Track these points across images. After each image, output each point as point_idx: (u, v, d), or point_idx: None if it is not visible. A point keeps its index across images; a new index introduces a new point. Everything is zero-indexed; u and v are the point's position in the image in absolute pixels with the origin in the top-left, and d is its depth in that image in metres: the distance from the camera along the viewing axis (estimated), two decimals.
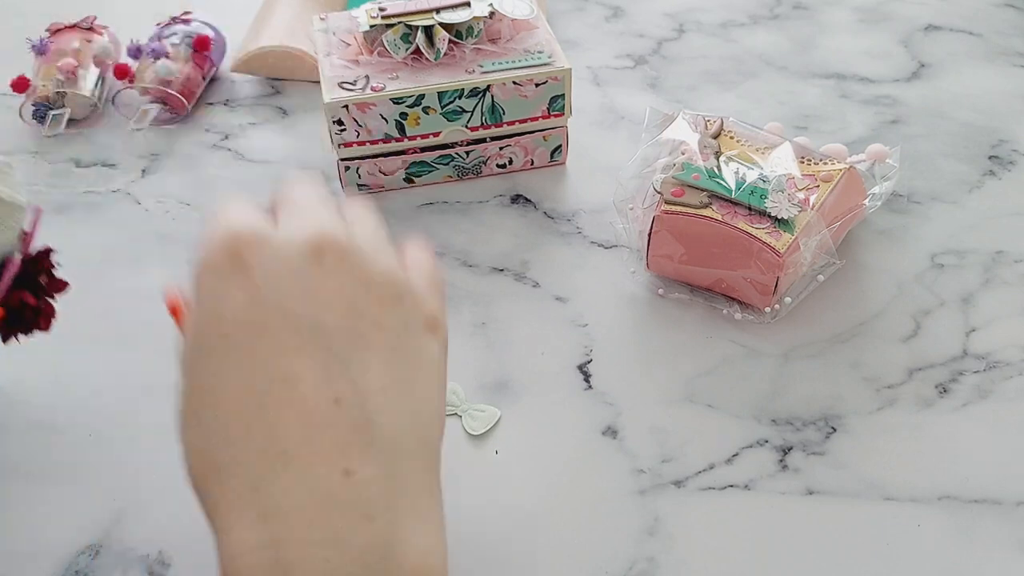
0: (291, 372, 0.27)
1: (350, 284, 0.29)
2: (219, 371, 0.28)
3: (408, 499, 0.28)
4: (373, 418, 0.28)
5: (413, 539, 0.27)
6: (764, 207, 0.49)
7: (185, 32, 0.71)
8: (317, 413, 0.27)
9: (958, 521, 0.42)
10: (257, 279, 0.28)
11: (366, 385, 0.28)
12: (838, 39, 0.77)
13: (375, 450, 0.27)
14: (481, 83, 0.58)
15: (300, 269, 0.29)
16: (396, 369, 0.29)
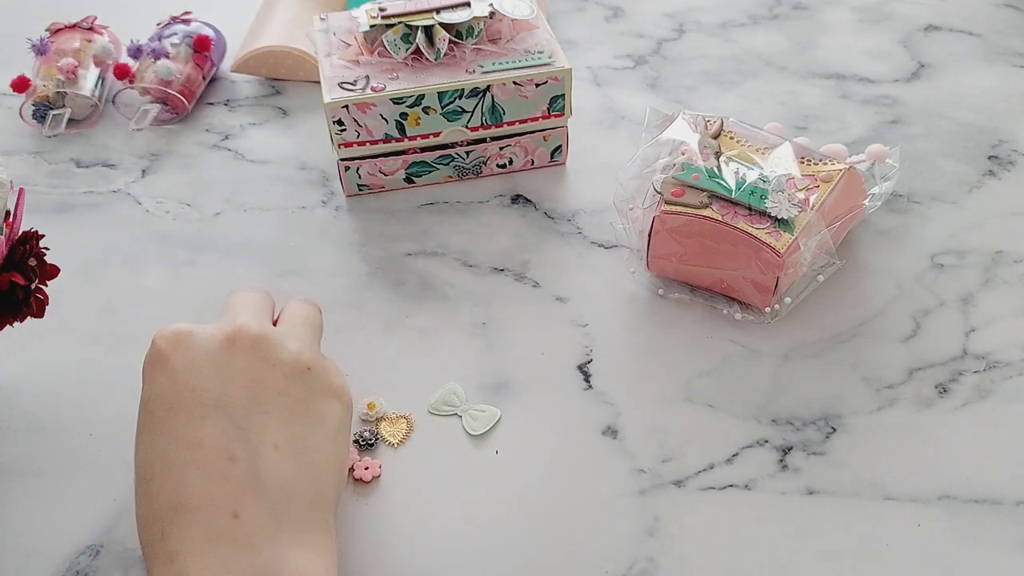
0: (196, 438, 0.34)
1: (256, 362, 0.37)
2: (147, 443, 0.35)
3: (290, 533, 0.34)
4: (261, 471, 0.34)
5: (294, 562, 0.33)
6: (764, 207, 0.49)
7: (185, 32, 0.71)
8: (214, 469, 0.34)
9: (958, 521, 0.42)
10: (176, 365, 0.36)
11: (259, 443, 0.35)
12: (838, 39, 0.77)
13: (262, 497, 0.34)
14: (481, 83, 0.58)
15: (214, 354, 0.36)
16: (291, 428, 0.36)
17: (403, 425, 0.47)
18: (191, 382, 0.35)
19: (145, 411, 0.36)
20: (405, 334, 0.52)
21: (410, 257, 0.57)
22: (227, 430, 0.35)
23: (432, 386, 0.49)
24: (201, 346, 0.36)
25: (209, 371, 0.36)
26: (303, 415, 0.37)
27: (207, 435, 0.34)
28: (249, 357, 0.36)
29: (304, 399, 0.37)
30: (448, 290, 0.55)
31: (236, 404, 0.35)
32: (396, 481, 0.45)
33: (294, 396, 0.37)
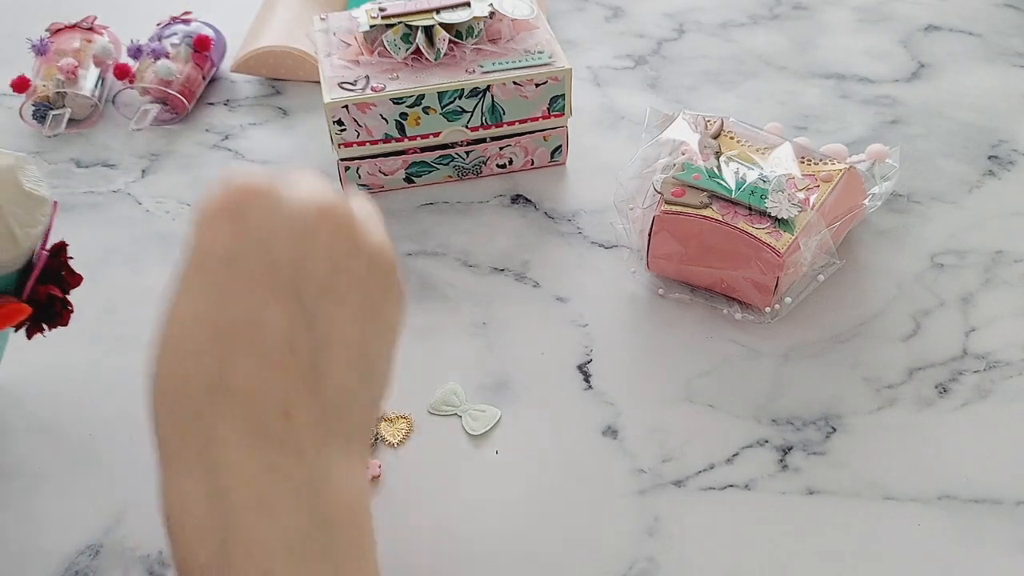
0: (259, 319, 0.28)
1: (343, 242, 0.31)
2: (192, 302, 0.29)
3: (339, 446, 0.30)
4: (323, 369, 0.29)
5: (338, 479, 0.29)
6: (764, 207, 0.49)
7: (185, 32, 0.71)
8: (270, 355, 0.28)
9: (958, 521, 0.42)
10: (250, 222, 0.29)
11: (327, 337, 0.30)
12: (838, 39, 0.77)
13: (317, 400, 0.29)
14: (481, 83, 0.58)
15: (297, 222, 0.30)
16: (362, 329, 0.31)
17: (403, 425, 0.47)
18: (265, 243, 0.29)
19: (193, 266, 0.29)
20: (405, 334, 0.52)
21: (410, 257, 0.57)
22: (294, 315, 0.29)
23: (432, 386, 0.49)
24: (284, 207, 0.30)
25: (289, 239, 0.29)
26: (376, 317, 0.32)
27: (271, 316, 0.28)
28: (337, 235, 0.30)
29: (380, 298, 0.32)
30: (448, 290, 0.55)
31: (311, 285, 0.29)
32: (396, 481, 0.45)
33: (372, 292, 0.31)
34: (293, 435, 0.28)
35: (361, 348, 0.31)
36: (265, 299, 0.28)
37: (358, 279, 0.31)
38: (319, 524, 0.28)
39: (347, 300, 0.30)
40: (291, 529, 0.27)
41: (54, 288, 0.43)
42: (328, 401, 0.29)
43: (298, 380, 0.29)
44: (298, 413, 0.29)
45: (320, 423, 0.29)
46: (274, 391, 0.28)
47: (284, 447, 0.28)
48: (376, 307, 0.32)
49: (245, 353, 0.28)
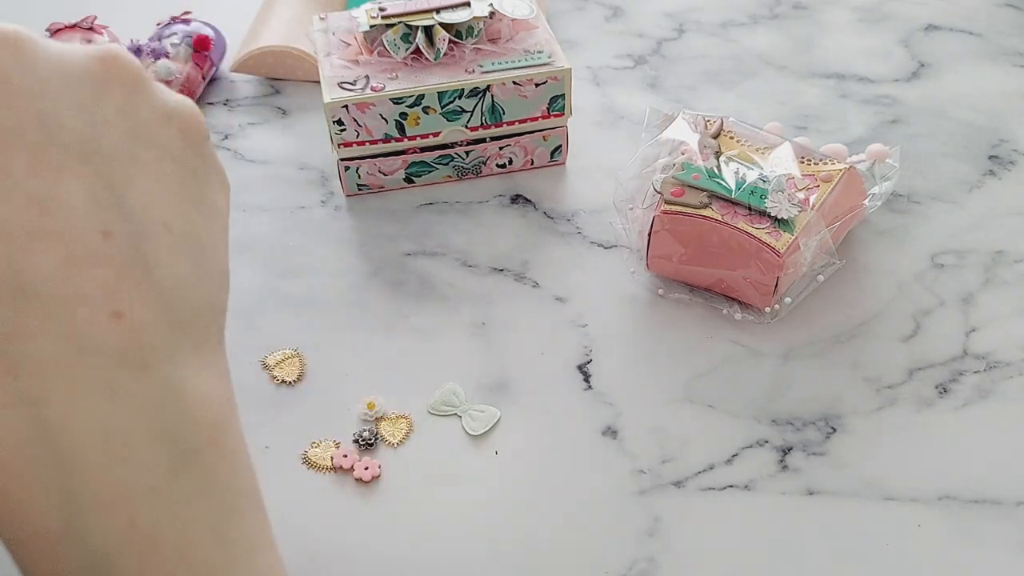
0: (51, 195, 0.22)
1: (141, 105, 0.25)
2: None
3: (190, 348, 0.25)
4: (150, 256, 0.24)
5: (195, 387, 0.24)
6: (764, 207, 0.49)
7: (185, 32, 0.71)
8: (80, 246, 0.22)
9: (958, 521, 0.42)
10: (16, 81, 0.23)
11: (145, 219, 0.24)
12: (838, 39, 0.77)
13: (151, 295, 0.24)
14: (481, 83, 0.58)
15: (79, 79, 0.24)
16: (184, 209, 0.25)
17: (403, 425, 0.47)
18: (41, 110, 0.23)
19: None
20: (405, 334, 0.52)
21: (410, 257, 0.57)
22: (97, 192, 0.23)
23: (432, 386, 0.49)
24: (58, 63, 0.24)
25: (70, 102, 0.24)
26: (198, 198, 0.26)
27: (66, 192, 0.22)
28: (131, 96, 0.25)
29: (200, 177, 0.27)
30: (448, 290, 0.55)
31: (110, 157, 0.24)
32: (396, 481, 0.45)
33: (188, 167, 0.26)
34: (131, 342, 0.23)
35: (189, 232, 0.25)
36: (57, 175, 0.23)
37: (170, 152, 0.26)
38: (181, 454, 0.24)
39: (161, 175, 0.25)
40: (149, 466, 0.23)
41: None
42: (165, 295, 0.24)
43: (121, 271, 0.23)
44: (131, 313, 0.23)
45: (160, 323, 0.24)
46: (95, 289, 0.22)
47: (123, 360, 0.23)
48: (197, 186, 0.26)
49: (47, 243, 0.22)
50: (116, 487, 0.22)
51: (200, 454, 0.24)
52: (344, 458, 0.45)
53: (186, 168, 0.26)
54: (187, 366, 0.24)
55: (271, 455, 0.46)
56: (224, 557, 0.25)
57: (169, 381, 0.24)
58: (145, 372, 0.23)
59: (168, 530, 0.23)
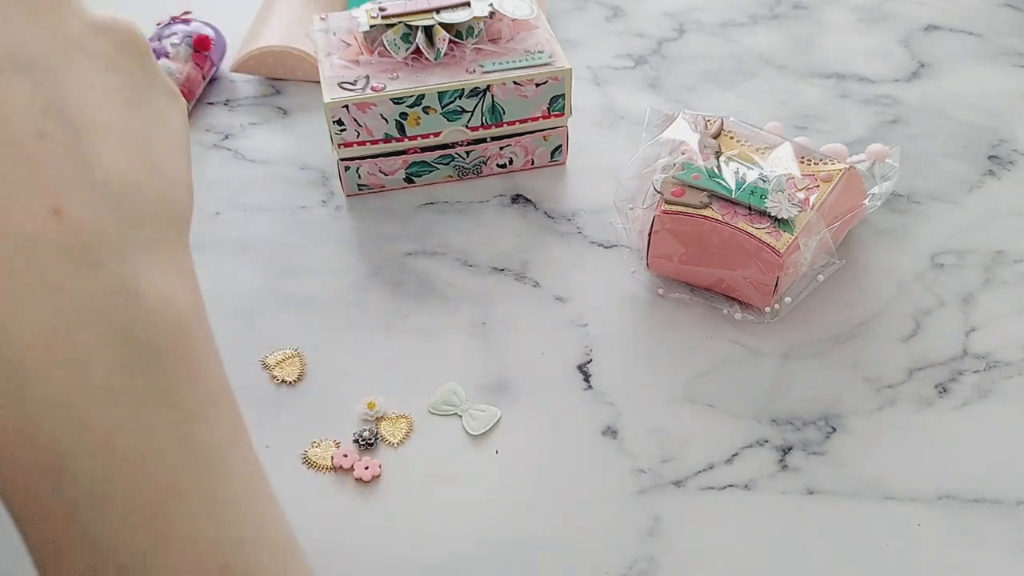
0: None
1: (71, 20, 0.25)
2: None
3: (144, 247, 0.24)
4: (90, 155, 0.23)
5: (154, 287, 0.23)
6: (764, 207, 0.49)
7: (185, 32, 0.71)
8: (13, 148, 0.22)
9: (958, 521, 0.42)
10: None
11: (83, 122, 0.24)
12: (838, 39, 0.77)
13: (95, 193, 0.23)
14: (481, 83, 0.58)
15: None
16: (126, 113, 0.25)
17: (403, 425, 0.47)
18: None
19: None
20: (405, 334, 0.52)
21: (410, 257, 0.57)
22: (30, 98, 0.23)
23: (432, 386, 0.49)
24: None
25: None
26: (141, 104, 0.26)
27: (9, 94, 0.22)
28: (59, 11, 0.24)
29: (143, 87, 0.26)
30: (448, 290, 0.55)
31: (43, 67, 0.23)
32: (396, 481, 0.45)
33: (128, 76, 0.25)
34: (73, 238, 0.22)
35: (134, 135, 0.25)
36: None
37: (105, 62, 0.25)
38: (138, 354, 0.23)
39: (97, 82, 0.24)
40: (103, 366, 0.22)
41: None
42: (109, 192, 0.23)
43: (59, 169, 0.23)
44: (71, 209, 0.22)
45: (107, 220, 0.23)
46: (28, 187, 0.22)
47: (66, 256, 0.22)
48: (139, 94, 0.26)
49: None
50: (65, 387, 0.22)
51: (161, 355, 0.23)
52: (344, 458, 0.45)
53: (126, 77, 0.25)
54: (143, 265, 0.23)
55: (271, 455, 0.46)
56: (190, 461, 0.24)
57: (121, 279, 0.23)
58: (93, 269, 0.22)
59: (127, 432, 0.23)
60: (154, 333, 0.23)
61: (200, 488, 0.24)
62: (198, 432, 0.24)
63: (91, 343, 0.22)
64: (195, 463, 0.24)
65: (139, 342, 0.23)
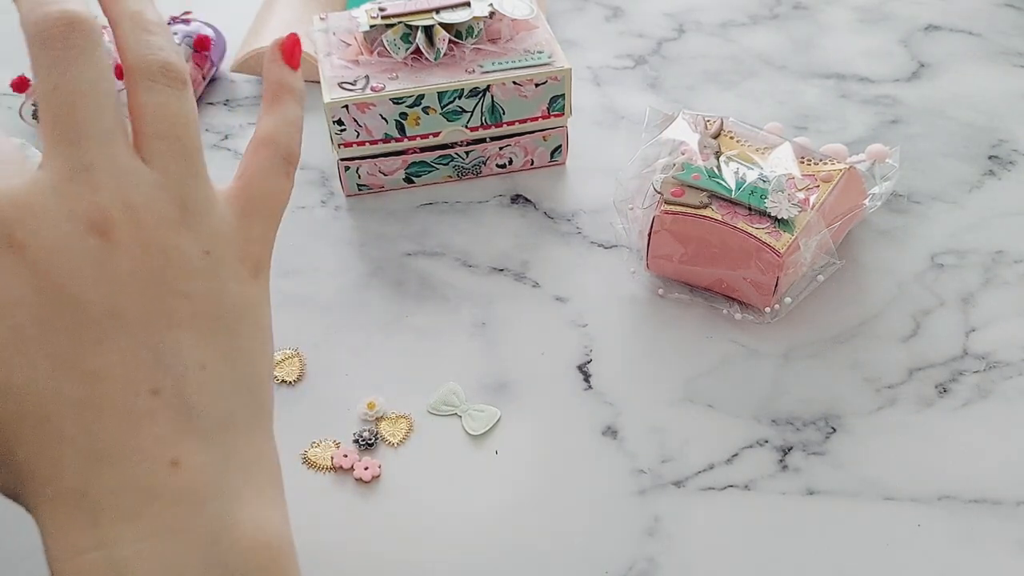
0: (95, 369, 0.25)
1: (143, 258, 0.26)
2: (16, 369, 0.25)
3: (242, 476, 0.27)
4: (194, 401, 0.26)
5: (249, 517, 0.26)
6: (764, 207, 0.49)
7: (185, 32, 0.71)
8: (132, 407, 0.25)
9: (958, 521, 0.42)
10: (36, 260, 0.25)
11: (181, 367, 0.26)
12: (838, 39, 0.77)
13: (201, 434, 0.26)
14: (481, 83, 0.58)
15: (82, 248, 0.25)
16: (213, 338, 0.27)
17: (403, 425, 0.47)
18: (69, 290, 0.25)
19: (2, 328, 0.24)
20: (405, 334, 0.52)
21: (410, 257, 0.57)
22: (136, 355, 0.25)
23: (432, 386, 0.49)
24: (59, 231, 0.25)
25: (86, 274, 0.25)
26: (219, 316, 0.28)
27: (109, 365, 0.25)
28: (132, 252, 0.26)
29: (211, 296, 0.28)
30: (448, 290, 0.55)
31: (137, 320, 0.26)
32: (396, 481, 0.45)
33: (199, 295, 0.27)
34: (188, 484, 0.26)
35: (223, 359, 0.27)
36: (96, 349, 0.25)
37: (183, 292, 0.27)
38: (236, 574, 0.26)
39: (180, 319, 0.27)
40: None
41: None
42: (211, 431, 0.26)
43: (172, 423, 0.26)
44: (186, 459, 0.26)
45: (212, 461, 0.26)
46: (150, 443, 0.25)
47: (181, 501, 0.25)
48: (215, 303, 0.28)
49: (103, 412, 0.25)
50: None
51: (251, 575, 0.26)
52: (344, 458, 0.45)
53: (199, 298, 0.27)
54: (239, 496, 0.27)
55: None
56: None
57: (220, 514, 0.26)
58: (200, 510, 0.26)
59: None
60: (246, 557, 0.26)
61: None
62: None
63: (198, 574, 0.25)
64: None
65: (235, 568, 0.26)
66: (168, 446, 0.25)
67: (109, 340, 0.25)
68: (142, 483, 0.25)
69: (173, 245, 0.27)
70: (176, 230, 0.27)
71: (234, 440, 0.27)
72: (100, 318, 0.25)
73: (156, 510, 0.25)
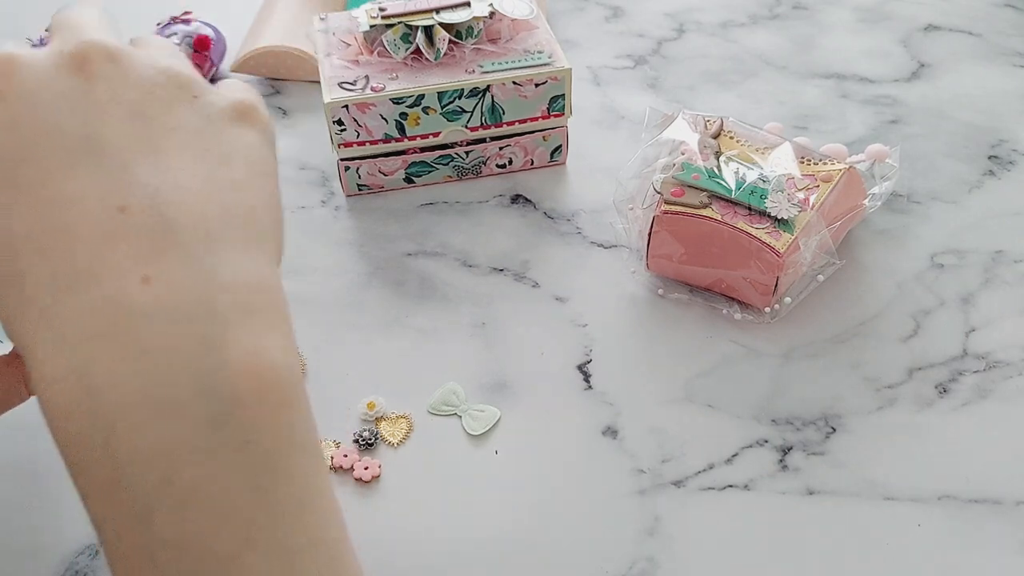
0: (66, 192, 0.25)
1: (126, 88, 0.27)
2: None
3: (231, 296, 0.25)
4: (170, 217, 0.25)
5: (240, 339, 0.25)
6: (764, 207, 0.49)
7: (185, 32, 0.71)
8: (101, 225, 0.25)
9: (958, 521, 0.42)
10: (13, 103, 0.26)
11: (157, 188, 0.26)
12: (838, 39, 0.77)
13: (178, 251, 0.25)
14: (481, 83, 0.58)
15: (63, 82, 0.26)
16: (197, 166, 0.27)
17: (403, 425, 0.47)
18: (42, 122, 0.26)
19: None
20: (405, 334, 0.52)
21: (410, 257, 0.57)
22: (111, 176, 0.26)
23: (432, 386, 0.49)
24: (41, 75, 0.27)
25: (63, 107, 0.26)
26: (206, 149, 0.28)
27: (77, 187, 0.25)
28: (113, 83, 0.27)
29: (198, 128, 0.28)
30: (448, 290, 0.55)
31: (113, 147, 0.26)
32: (396, 481, 0.45)
33: (184, 127, 0.28)
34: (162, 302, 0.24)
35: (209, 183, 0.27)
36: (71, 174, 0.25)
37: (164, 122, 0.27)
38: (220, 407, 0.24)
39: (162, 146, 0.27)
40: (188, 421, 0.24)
41: None
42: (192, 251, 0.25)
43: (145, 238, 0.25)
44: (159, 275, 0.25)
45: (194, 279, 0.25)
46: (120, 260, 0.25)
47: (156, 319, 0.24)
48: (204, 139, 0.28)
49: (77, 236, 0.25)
50: (153, 445, 0.24)
51: (244, 407, 0.24)
52: (344, 458, 0.45)
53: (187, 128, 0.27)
54: (229, 315, 0.25)
55: None
56: (267, 515, 0.25)
57: (206, 333, 0.24)
58: (179, 327, 0.24)
59: (206, 486, 0.24)
60: (238, 385, 0.24)
61: (274, 539, 0.25)
62: (276, 485, 0.25)
63: (179, 399, 0.24)
64: (271, 515, 0.25)
65: (223, 395, 0.24)
66: (139, 262, 0.24)
67: (81, 165, 0.25)
68: (112, 301, 0.24)
69: (160, 83, 0.28)
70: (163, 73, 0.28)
71: (222, 260, 0.26)
72: (74, 145, 0.26)
73: (129, 327, 0.24)
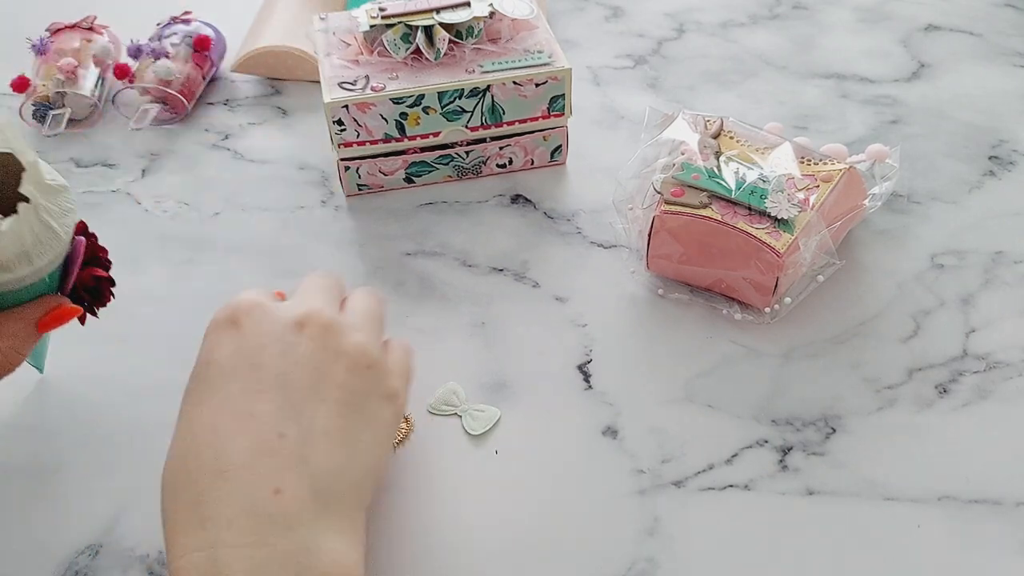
0: (249, 410, 0.34)
1: (322, 351, 0.37)
2: (195, 406, 0.35)
3: (329, 520, 0.34)
4: (310, 453, 0.34)
5: (329, 548, 0.33)
6: (764, 207, 0.49)
7: (185, 32, 0.71)
8: (262, 442, 0.34)
9: (958, 521, 0.42)
10: (246, 336, 0.36)
11: (311, 428, 0.35)
12: (838, 39, 0.77)
13: (307, 479, 0.34)
14: (481, 83, 0.58)
15: (283, 334, 0.37)
16: (343, 421, 0.36)
17: (403, 425, 0.47)
18: (255, 357, 0.36)
19: (199, 375, 0.36)
20: (405, 334, 0.52)
21: (409, 257, 0.57)
22: (282, 408, 0.35)
23: (432, 386, 0.49)
24: (272, 322, 0.37)
25: (275, 349, 0.36)
26: (357, 412, 0.37)
27: (261, 410, 0.34)
28: (316, 344, 0.37)
29: (361, 396, 0.37)
30: (447, 290, 0.55)
31: (295, 387, 0.35)
32: (396, 481, 0.45)
33: (352, 391, 0.37)
34: (283, 511, 0.33)
35: (343, 436, 0.36)
36: (257, 397, 0.35)
37: (337, 381, 0.36)
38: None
39: (328, 397, 0.36)
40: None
41: (96, 269, 0.44)
42: (316, 482, 0.34)
43: (288, 461, 0.34)
44: (288, 491, 0.33)
45: (309, 500, 0.33)
46: (266, 472, 0.33)
47: (275, 521, 0.32)
48: (358, 402, 0.37)
49: (240, 441, 0.34)
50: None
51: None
52: None
53: (349, 391, 0.37)
54: (324, 531, 0.33)
55: None
56: None
57: (306, 540, 0.32)
58: (290, 532, 0.32)
59: None
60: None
61: None
62: None
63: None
64: None
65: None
66: (277, 477, 0.33)
67: (270, 394, 0.35)
68: (248, 500, 0.32)
69: (346, 352, 0.37)
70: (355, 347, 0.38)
71: (328, 493, 0.34)
72: (271, 379, 0.35)
73: (253, 524, 0.32)
